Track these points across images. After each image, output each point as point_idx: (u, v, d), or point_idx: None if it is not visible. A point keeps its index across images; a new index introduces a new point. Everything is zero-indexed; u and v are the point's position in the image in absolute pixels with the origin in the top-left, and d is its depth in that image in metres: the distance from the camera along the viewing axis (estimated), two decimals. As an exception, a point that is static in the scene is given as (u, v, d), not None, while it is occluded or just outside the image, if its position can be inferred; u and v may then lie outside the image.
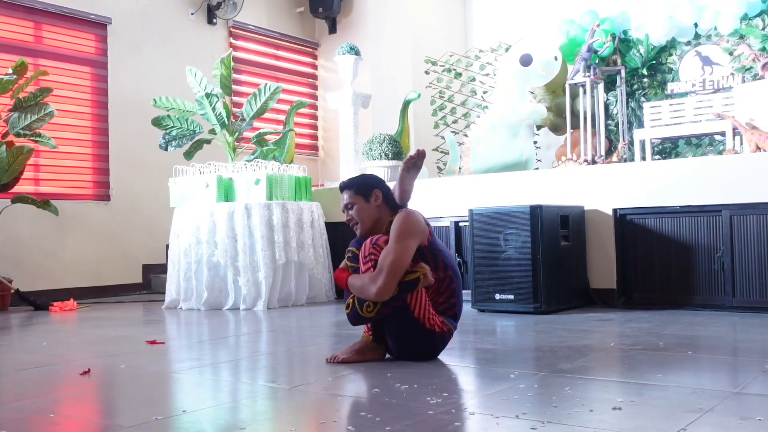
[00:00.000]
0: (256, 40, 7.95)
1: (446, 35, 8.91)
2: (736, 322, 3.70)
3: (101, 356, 3.15)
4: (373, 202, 2.81)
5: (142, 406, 2.19)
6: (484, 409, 1.97)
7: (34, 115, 5.35)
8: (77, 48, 6.37)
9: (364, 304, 2.61)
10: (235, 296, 5.03)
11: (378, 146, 5.95)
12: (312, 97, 8.50)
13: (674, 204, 4.32)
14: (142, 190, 6.62)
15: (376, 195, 2.82)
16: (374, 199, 2.81)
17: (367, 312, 2.61)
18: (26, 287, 5.59)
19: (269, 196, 5.14)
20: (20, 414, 2.10)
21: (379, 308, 2.60)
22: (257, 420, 1.99)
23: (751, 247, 4.06)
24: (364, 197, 2.81)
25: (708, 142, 6.52)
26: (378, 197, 2.82)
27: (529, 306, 4.17)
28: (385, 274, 2.53)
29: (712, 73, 6.58)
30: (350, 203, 2.84)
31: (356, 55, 6.41)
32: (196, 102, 5.47)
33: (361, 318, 2.64)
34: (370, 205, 2.81)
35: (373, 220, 2.81)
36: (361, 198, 2.82)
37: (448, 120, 8.00)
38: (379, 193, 2.82)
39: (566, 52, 6.99)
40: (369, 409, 2.01)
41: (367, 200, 2.81)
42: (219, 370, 2.78)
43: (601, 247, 4.60)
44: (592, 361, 2.73)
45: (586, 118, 6.78)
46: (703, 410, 1.89)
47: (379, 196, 2.82)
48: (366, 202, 2.81)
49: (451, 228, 5.08)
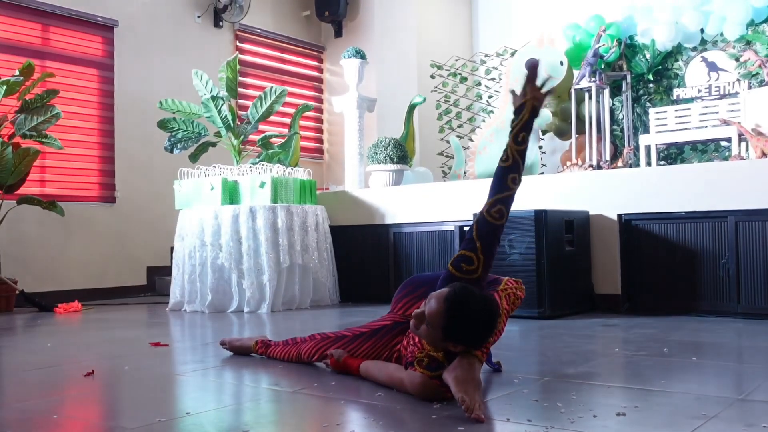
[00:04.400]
0: (262, 43, 7.97)
1: (452, 39, 8.92)
2: (741, 328, 3.69)
3: (105, 358, 3.16)
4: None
5: (145, 408, 2.19)
6: (489, 414, 1.97)
7: (40, 117, 5.36)
8: (84, 50, 6.39)
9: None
10: (239, 299, 5.03)
11: (383, 150, 5.95)
12: (317, 101, 8.51)
13: (679, 210, 4.31)
14: (147, 193, 6.64)
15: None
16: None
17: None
18: (31, 288, 5.60)
19: (274, 199, 5.15)
20: (24, 415, 2.11)
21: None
22: (260, 423, 1.99)
23: (757, 253, 4.04)
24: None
25: (714, 148, 6.51)
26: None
27: (533, 311, 4.16)
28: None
29: (718, 79, 6.58)
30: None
31: (362, 59, 6.42)
32: (202, 105, 5.48)
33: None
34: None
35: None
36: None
37: (453, 124, 8.00)
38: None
39: (572, 57, 7.00)
40: (372, 413, 2.01)
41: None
42: (222, 372, 2.77)
43: (605, 253, 4.59)
44: (596, 366, 2.73)
45: (592, 124, 6.77)
46: (708, 417, 1.88)
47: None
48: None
49: (456, 232, 5.07)
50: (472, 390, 2.00)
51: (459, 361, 2.11)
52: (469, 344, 2.11)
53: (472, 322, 2.07)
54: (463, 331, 2.07)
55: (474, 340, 2.11)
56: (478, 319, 2.08)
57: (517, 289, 2.42)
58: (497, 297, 2.33)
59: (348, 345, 2.58)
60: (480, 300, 2.09)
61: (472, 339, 2.10)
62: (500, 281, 2.42)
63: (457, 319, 2.05)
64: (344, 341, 2.62)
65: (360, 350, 2.54)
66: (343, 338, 2.64)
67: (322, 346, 2.71)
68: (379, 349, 2.49)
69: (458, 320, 2.05)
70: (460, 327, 2.06)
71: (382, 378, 2.32)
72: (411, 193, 5.53)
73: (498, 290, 2.35)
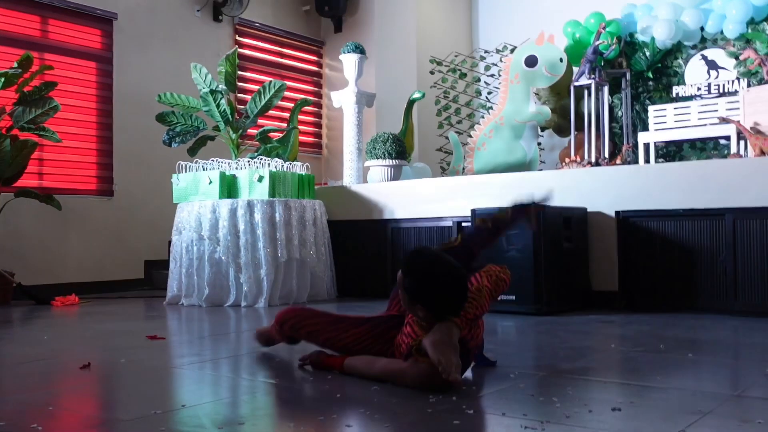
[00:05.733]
0: (262, 37, 7.95)
1: (451, 35, 8.91)
2: (738, 325, 3.69)
3: (102, 351, 3.15)
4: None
5: (141, 401, 2.19)
6: (484, 408, 1.97)
7: (38, 109, 5.35)
8: (83, 43, 6.37)
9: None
10: (236, 293, 5.03)
11: (381, 145, 5.95)
12: (316, 96, 8.50)
13: (677, 207, 4.31)
14: (145, 186, 6.63)
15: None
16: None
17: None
18: (28, 281, 5.59)
19: (272, 193, 5.15)
20: (20, 407, 2.11)
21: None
22: (256, 415, 1.99)
23: (754, 251, 4.05)
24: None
25: (712, 146, 6.51)
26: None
27: (530, 307, 4.17)
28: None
29: (717, 77, 6.58)
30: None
31: (361, 54, 6.41)
32: (201, 98, 5.48)
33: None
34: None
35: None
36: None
37: (453, 120, 8.00)
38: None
39: (571, 54, 6.99)
40: (368, 406, 2.01)
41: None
42: (219, 365, 2.78)
43: (603, 249, 4.59)
44: (593, 362, 2.73)
45: (591, 121, 6.77)
46: (703, 412, 1.88)
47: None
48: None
49: (454, 228, 5.07)
50: (448, 352, 2.03)
51: (438, 326, 2.15)
52: (428, 304, 2.14)
53: (431, 278, 2.11)
54: (419, 287, 2.12)
55: (431, 299, 2.13)
56: (437, 275, 2.12)
57: (501, 272, 2.42)
58: (477, 276, 2.34)
59: (348, 328, 2.53)
60: (438, 258, 2.14)
61: (429, 297, 2.13)
62: (484, 265, 2.45)
63: (414, 274, 2.11)
64: (344, 325, 2.56)
65: (354, 336, 2.50)
66: (343, 321, 2.58)
67: (322, 326, 2.62)
68: (375, 338, 2.47)
69: (415, 275, 2.11)
70: (417, 282, 2.12)
71: (374, 372, 2.30)
72: (409, 188, 5.53)
73: (480, 271, 2.37)
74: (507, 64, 6.34)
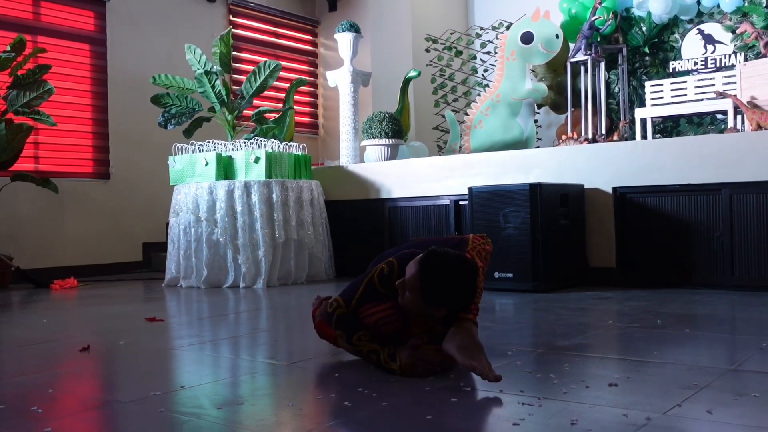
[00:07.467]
0: (256, 17, 7.90)
1: (447, 13, 8.85)
2: (735, 300, 3.71)
3: (101, 333, 3.16)
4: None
5: (140, 382, 2.20)
6: (481, 385, 1.98)
7: (33, 93, 5.32)
8: (76, 25, 6.32)
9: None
10: (234, 274, 5.04)
11: (378, 124, 5.93)
12: (312, 76, 8.46)
13: (674, 182, 4.31)
14: (141, 168, 6.61)
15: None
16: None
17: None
18: (26, 265, 5.60)
19: (268, 174, 5.14)
20: (20, 389, 2.12)
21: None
22: (255, 395, 2.00)
23: (751, 225, 4.06)
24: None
25: (709, 121, 6.50)
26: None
27: (528, 284, 4.18)
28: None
29: (714, 52, 6.55)
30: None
31: (356, 33, 6.38)
32: (196, 80, 5.45)
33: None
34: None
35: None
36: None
37: (449, 98, 7.97)
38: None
39: (567, 30, 6.95)
40: (366, 385, 2.02)
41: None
42: (218, 346, 2.79)
43: (600, 226, 4.60)
44: (590, 338, 2.74)
45: (587, 97, 6.75)
46: (699, 387, 1.89)
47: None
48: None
49: (451, 206, 5.08)
50: (478, 355, 2.02)
51: (456, 328, 2.10)
52: (451, 305, 2.10)
53: (449, 280, 2.06)
54: (442, 291, 2.07)
55: (455, 300, 2.10)
56: (455, 276, 2.07)
57: (485, 244, 2.36)
58: (468, 257, 2.30)
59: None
60: (455, 258, 2.09)
61: (453, 298, 2.09)
62: (467, 240, 2.35)
63: (434, 278, 2.05)
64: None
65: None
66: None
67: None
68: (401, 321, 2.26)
69: (435, 280, 2.05)
70: (438, 286, 2.05)
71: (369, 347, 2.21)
72: (406, 167, 5.52)
73: (468, 250, 2.30)
74: (503, 41, 6.31)
